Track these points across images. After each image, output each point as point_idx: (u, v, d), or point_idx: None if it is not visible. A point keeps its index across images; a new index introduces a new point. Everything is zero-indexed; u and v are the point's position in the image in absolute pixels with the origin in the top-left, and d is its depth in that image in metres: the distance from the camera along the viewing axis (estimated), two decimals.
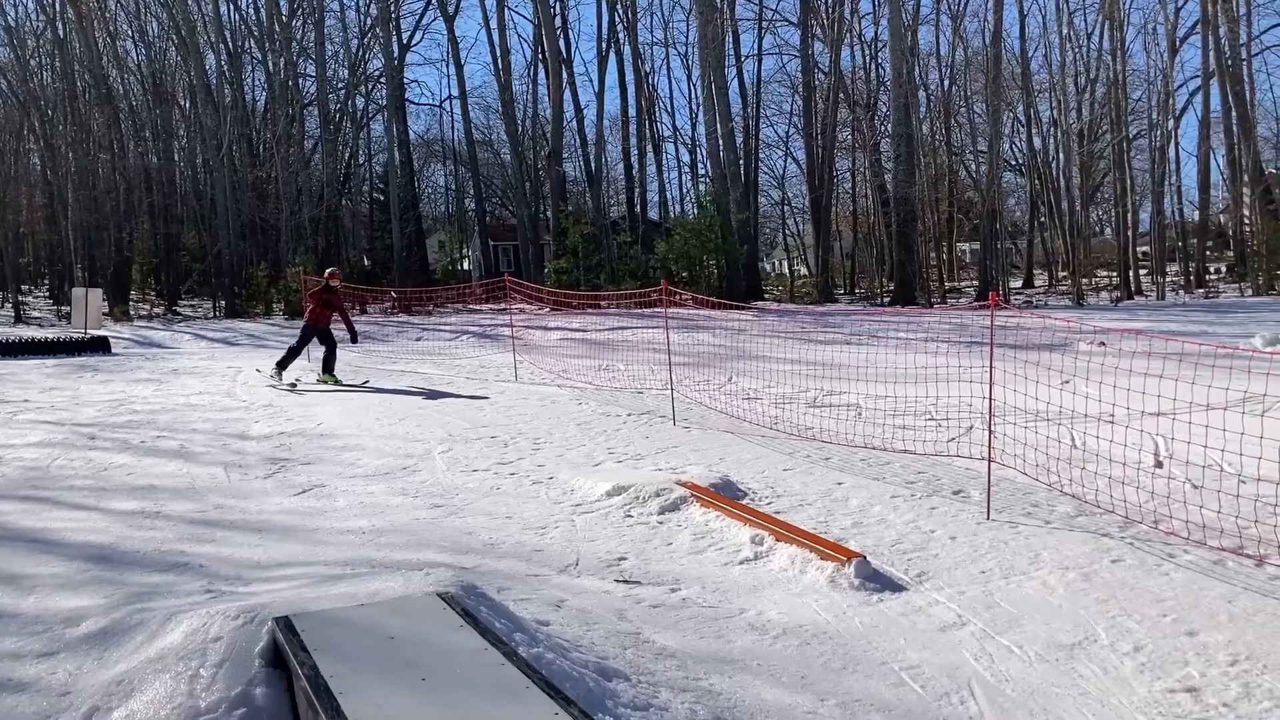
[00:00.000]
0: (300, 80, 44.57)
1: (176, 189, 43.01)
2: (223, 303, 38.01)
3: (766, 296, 38.71)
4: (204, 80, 40.20)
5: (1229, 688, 4.82)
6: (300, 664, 4.03)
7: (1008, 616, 5.80)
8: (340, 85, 46.33)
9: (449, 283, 41.42)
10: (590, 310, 27.64)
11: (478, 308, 34.07)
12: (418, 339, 24.91)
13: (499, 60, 42.29)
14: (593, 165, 43.13)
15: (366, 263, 48.83)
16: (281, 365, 15.95)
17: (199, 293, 42.30)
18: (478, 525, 8.12)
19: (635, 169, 46.99)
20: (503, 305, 28.77)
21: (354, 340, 16.28)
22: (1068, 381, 11.05)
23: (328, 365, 15.98)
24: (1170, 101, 39.99)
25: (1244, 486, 7.54)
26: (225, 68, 40.68)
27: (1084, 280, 38.35)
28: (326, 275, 16.32)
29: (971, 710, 4.69)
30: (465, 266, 53.77)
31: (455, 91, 52.95)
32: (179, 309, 39.52)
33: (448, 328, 27.29)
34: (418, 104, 75.68)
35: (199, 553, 7.23)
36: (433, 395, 15.20)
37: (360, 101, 47.82)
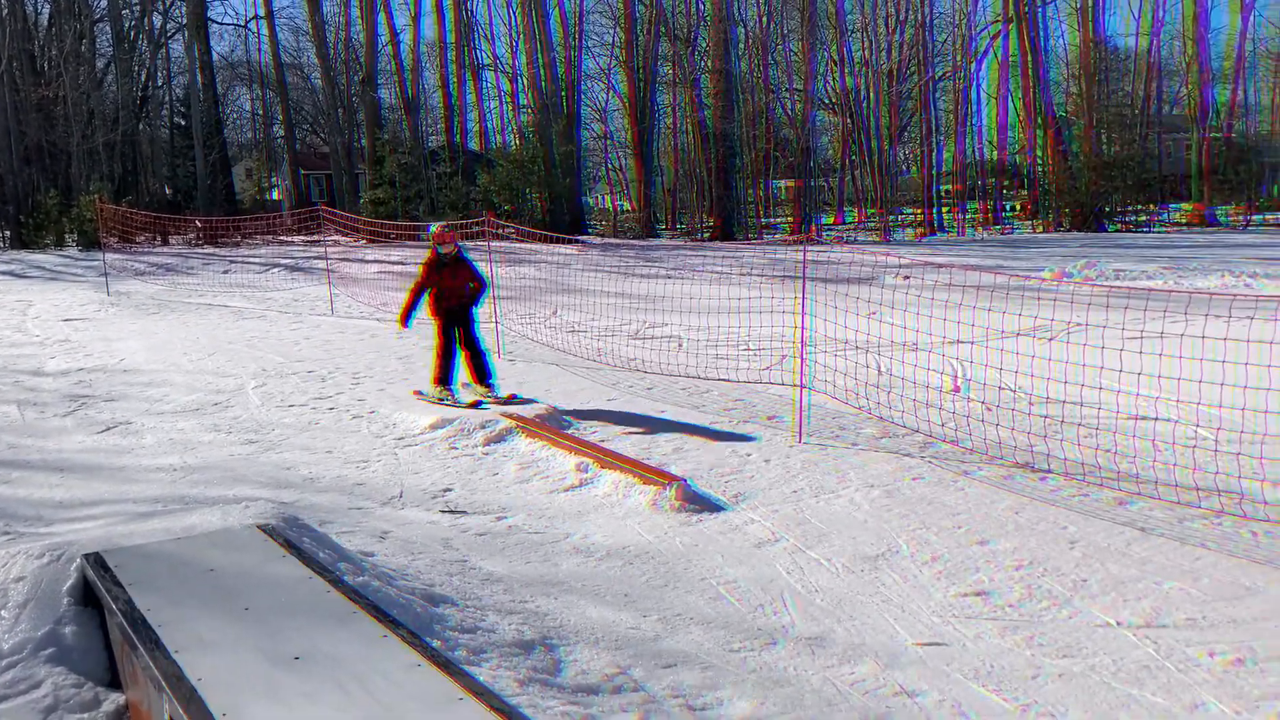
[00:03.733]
0: None
1: None
2: (7, 233, 35.28)
3: (590, 230, 38.75)
4: None
5: (1014, 590, 5.24)
6: (114, 599, 3.89)
7: (818, 532, 6.11)
8: (135, 0, 43.25)
9: (258, 213, 39.67)
10: (410, 242, 27.05)
11: (289, 239, 32.81)
12: (225, 272, 23.85)
13: None
14: (409, 92, 41.87)
15: (168, 192, 46.15)
16: (444, 379, 9.73)
17: None
18: (296, 460, 7.95)
19: (454, 98, 45.87)
20: (316, 237, 27.81)
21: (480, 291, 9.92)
22: (875, 312, 11.57)
23: (475, 372, 9.73)
24: (971, 44, 41.77)
25: (1032, 407, 8.12)
26: None
27: (891, 217, 39.96)
28: (434, 235, 9.71)
29: (784, 620, 4.96)
30: (275, 196, 51.60)
31: (261, 11, 50.21)
32: None
33: (257, 260, 26.23)
34: (221, 24, 71.46)
35: None
36: (244, 329, 14.64)
37: (157, 19, 44.78)
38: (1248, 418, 6.41)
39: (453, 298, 9.58)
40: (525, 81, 41.59)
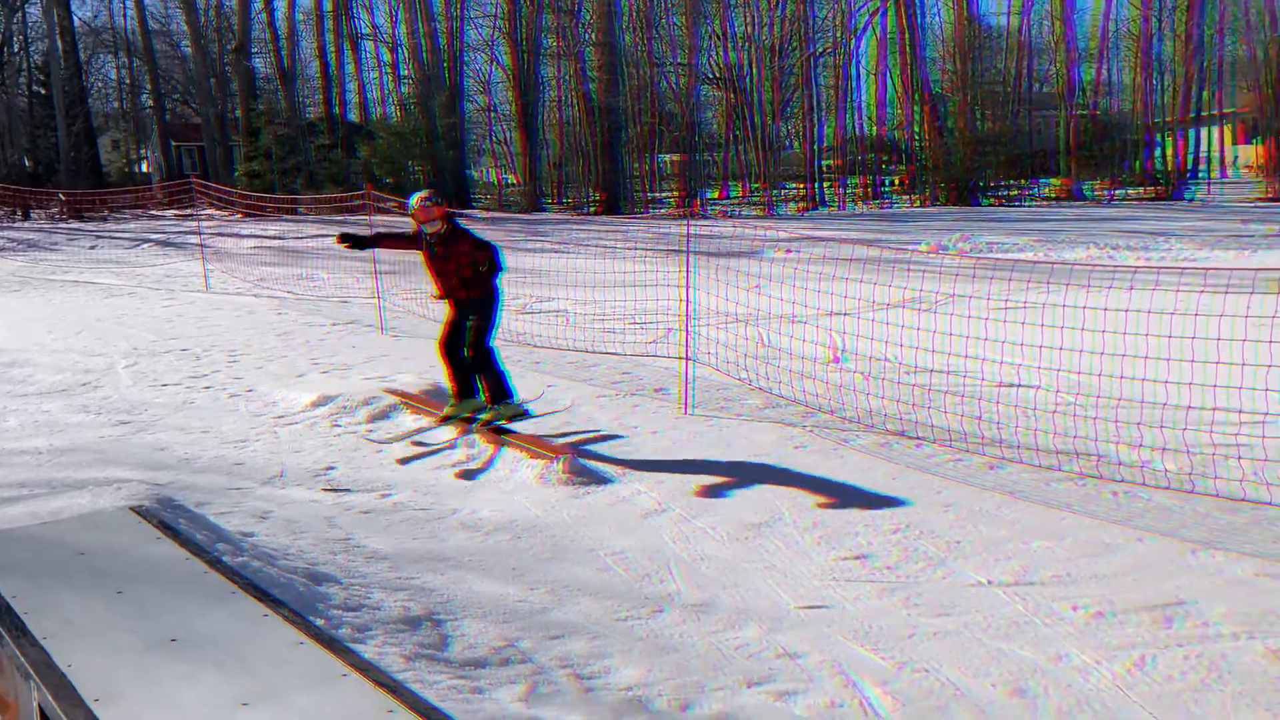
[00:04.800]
0: None
1: None
2: None
3: (475, 205, 38.29)
4: None
5: (892, 553, 5.42)
6: None
7: (703, 501, 6.21)
8: None
9: (126, 186, 38.09)
10: (288, 216, 26.34)
11: (160, 213, 31.60)
12: (92, 247, 22.88)
13: None
14: (285, 62, 40.64)
15: (28, 164, 43.92)
16: (461, 388, 7.59)
17: None
18: (171, 441, 7.71)
19: (332, 67, 44.67)
20: (189, 210, 26.87)
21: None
22: (758, 285, 11.75)
23: (486, 389, 7.55)
24: (851, 21, 42.49)
25: (908, 376, 8.36)
26: None
27: (775, 191, 40.51)
28: (412, 213, 7.45)
29: (670, 588, 5.03)
30: (144, 169, 49.59)
31: None
32: None
33: (126, 235, 25.22)
34: None
35: None
36: (113, 306, 14.09)
37: None
38: (1107, 383, 6.73)
39: (445, 289, 7.36)
40: (406, 52, 40.77)
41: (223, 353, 10.88)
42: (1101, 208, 32.65)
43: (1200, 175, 42.20)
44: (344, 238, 7.72)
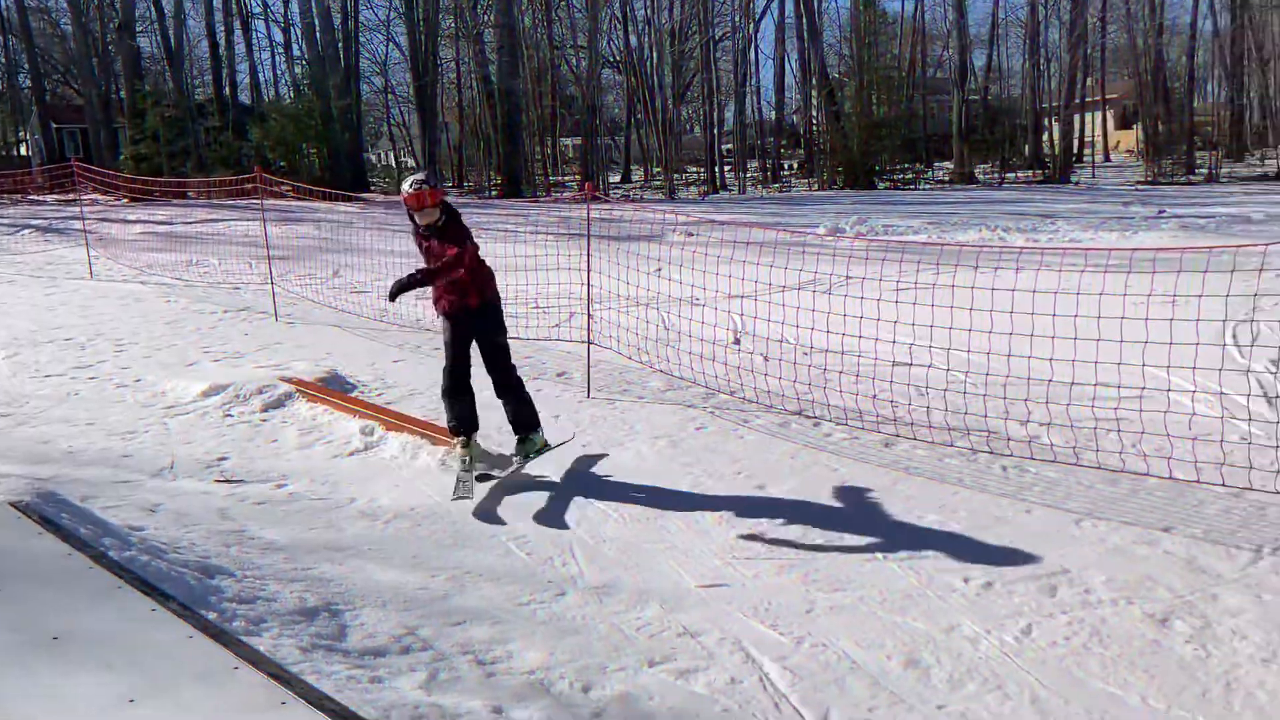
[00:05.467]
0: None
1: None
2: None
3: (373, 188, 37.61)
4: None
5: (790, 530, 5.51)
6: None
7: (606, 484, 6.22)
8: None
9: (3, 170, 36.44)
10: (177, 201, 25.53)
11: (40, 198, 30.34)
12: None
13: None
14: (172, 41, 39.30)
15: None
16: (460, 424, 6.43)
17: None
18: (55, 434, 7.43)
19: (222, 47, 43.35)
20: (71, 195, 25.86)
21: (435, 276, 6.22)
22: (660, 269, 11.78)
23: (510, 416, 6.58)
24: (750, 5, 42.83)
25: (806, 357, 8.49)
26: None
27: (676, 175, 40.66)
28: (408, 196, 6.05)
29: (573, 570, 5.04)
30: (23, 152, 47.56)
31: None
32: None
33: (4, 221, 24.15)
34: None
35: None
36: None
37: None
38: (996, 361, 6.92)
39: (453, 297, 6.19)
40: (299, 32, 39.82)
41: (108, 342, 10.51)
42: (992, 190, 33.51)
43: (1085, 159, 43.70)
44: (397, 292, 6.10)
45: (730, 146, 47.27)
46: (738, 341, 9.78)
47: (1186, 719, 3.70)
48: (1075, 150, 43.41)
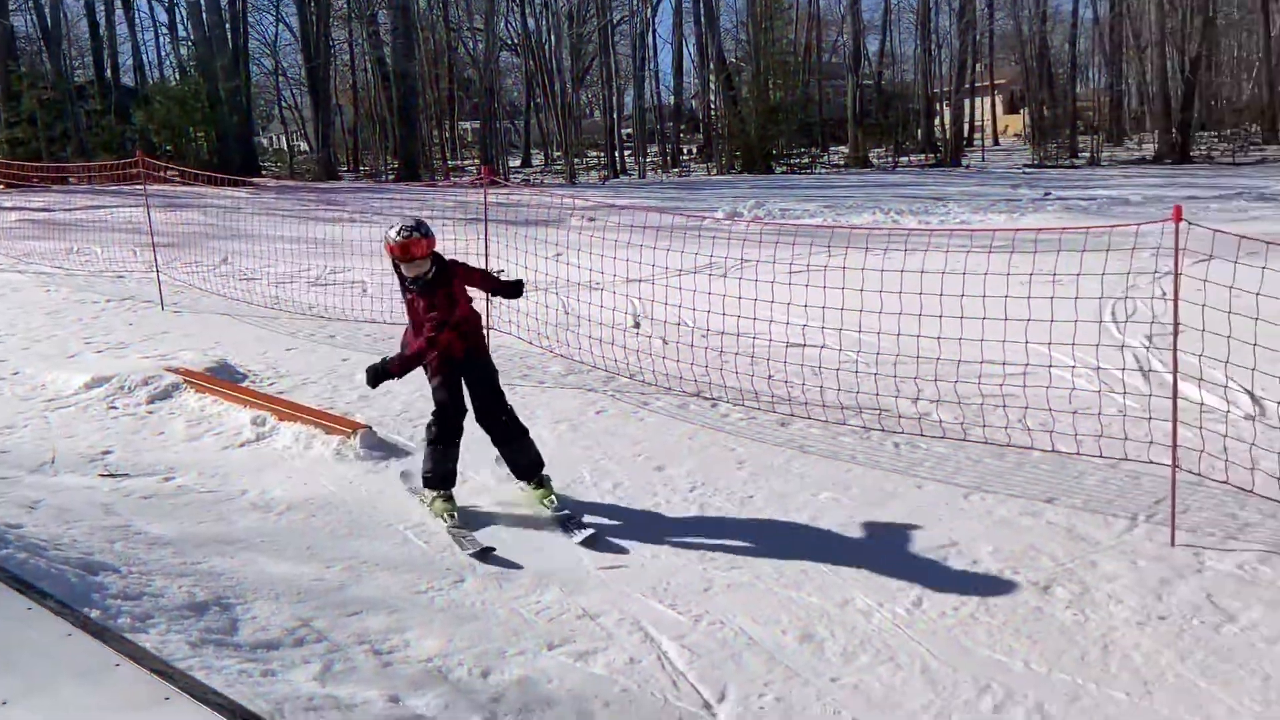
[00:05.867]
0: None
1: None
2: None
3: (265, 173, 36.67)
4: None
5: (689, 510, 5.57)
6: None
7: (505, 469, 6.18)
8: None
9: None
10: (57, 187, 24.54)
11: None
12: None
13: None
14: (49, 20, 37.66)
15: None
16: (439, 477, 5.58)
17: None
18: None
19: (102, 27, 41.70)
20: None
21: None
22: (560, 253, 11.74)
23: (521, 466, 5.74)
24: None
25: (704, 339, 8.56)
26: None
27: (576, 160, 40.55)
28: (394, 245, 5.26)
29: (471, 557, 5.00)
30: None
31: None
32: None
33: None
34: None
35: None
36: None
37: None
38: (888, 340, 7.08)
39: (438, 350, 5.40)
40: (184, 11, 38.54)
41: None
42: (886, 174, 34.20)
43: (975, 143, 44.83)
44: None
45: (630, 131, 47.30)
46: (637, 325, 9.81)
47: (1067, 681, 3.84)
48: (966, 134, 44.53)
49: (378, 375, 5.34)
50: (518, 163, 47.42)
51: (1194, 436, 5.70)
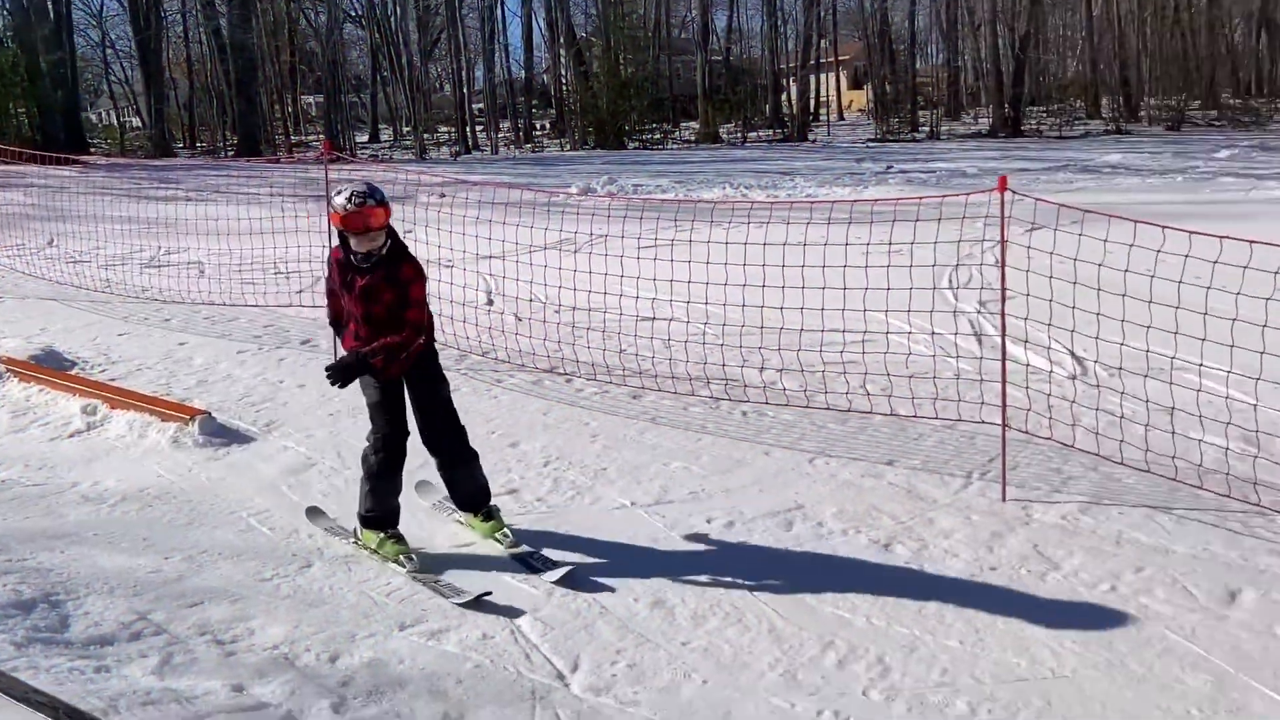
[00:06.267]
0: None
1: None
2: None
3: (93, 150, 34.77)
4: None
5: (543, 484, 5.57)
6: None
7: (354, 451, 5.99)
8: None
9: None
10: None
11: None
12: None
13: None
14: None
15: None
16: (384, 516, 4.75)
17: None
18: None
19: None
20: None
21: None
22: (409, 230, 11.53)
23: (467, 495, 4.96)
24: None
25: (557, 315, 8.55)
26: None
27: (426, 135, 39.82)
28: (345, 215, 4.38)
29: (319, 542, 4.89)
30: None
31: None
32: None
33: None
34: None
35: None
36: None
37: None
38: (736, 312, 7.20)
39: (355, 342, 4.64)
40: None
41: None
42: (736, 149, 34.71)
43: (821, 118, 45.88)
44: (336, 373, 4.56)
45: (482, 106, 46.67)
46: (490, 302, 9.73)
47: (905, 634, 4.01)
48: (812, 110, 45.56)
49: (349, 370, 4.50)
50: (365, 138, 46.24)
51: (1022, 396, 6.01)
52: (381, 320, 4.53)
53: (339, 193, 4.44)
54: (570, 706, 3.54)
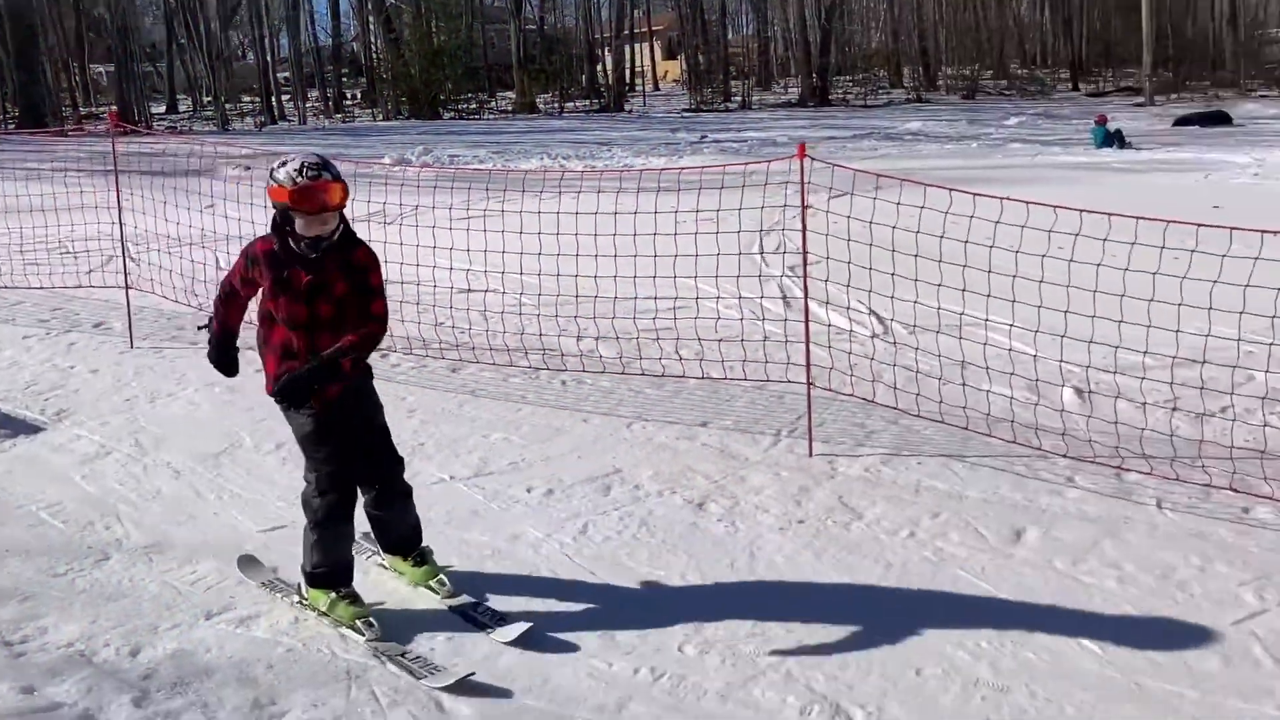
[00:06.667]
0: None
1: None
2: None
3: None
4: None
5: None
6: None
7: (154, 438, 5.80)
8: None
9: None
10: None
11: None
12: None
13: None
14: None
15: None
16: (336, 571, 3.92)
17: None
18: None
19: None
20: None
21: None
22: (212, 204, 11.02)
23: (399, 537, 4.20)
24: None
25: None
26: None
27: (229, 105, 38.06)
28: (292, 190, 3.56)
29: (117, 533, 4.67)
30: None
31: None
32: None
33: None
34: None
35: None
36: None
37: None
38: (553, 282, 7.23)
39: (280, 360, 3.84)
40: None
41: None
42: (553, 119, 34.59)
43: (637, 89, 46.18)
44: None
45: (288, 75, 44.88)
46: None
47: (717, 588, 4.14)
48: (628, 80, 45.80)
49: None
50: (163, 109, 43.81)
51: (826, 356, 6.25)
52: (325, 322, 3.72)
53: (283, 164, 3.64)
54: (388, 683, 3.51)
